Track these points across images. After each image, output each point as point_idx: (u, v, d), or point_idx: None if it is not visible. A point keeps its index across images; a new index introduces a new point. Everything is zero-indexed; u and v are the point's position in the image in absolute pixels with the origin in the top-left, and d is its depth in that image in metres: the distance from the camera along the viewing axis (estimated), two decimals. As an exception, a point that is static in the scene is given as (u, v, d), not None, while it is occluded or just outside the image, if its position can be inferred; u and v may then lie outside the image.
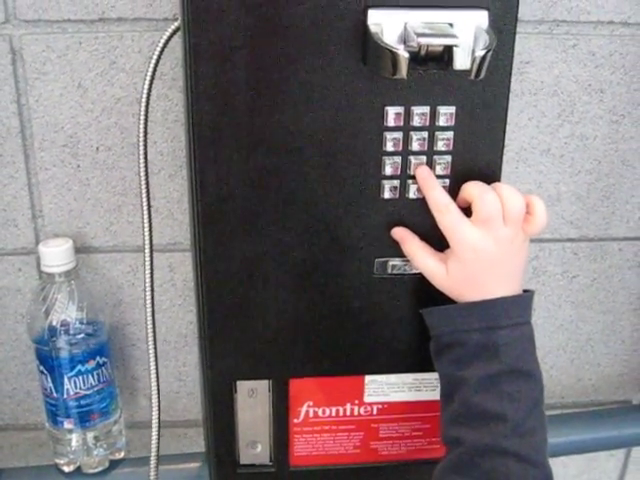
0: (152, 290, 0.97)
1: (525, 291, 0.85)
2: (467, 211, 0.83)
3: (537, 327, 1.24)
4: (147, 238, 0.95)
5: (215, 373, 0.93)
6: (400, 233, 0.85)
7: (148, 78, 0.88)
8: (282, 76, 0.79)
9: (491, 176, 0.85)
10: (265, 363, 0.93)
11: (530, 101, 1.10)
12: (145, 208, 0.94)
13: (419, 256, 0.84)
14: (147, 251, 0.95)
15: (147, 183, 0.94)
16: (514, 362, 0.82)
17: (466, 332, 0.83)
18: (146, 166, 0.93)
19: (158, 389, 0.99)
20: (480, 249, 0.81)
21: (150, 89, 0.89)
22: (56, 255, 1.05)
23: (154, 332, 0.98)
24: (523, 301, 0.83)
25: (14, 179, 1.07)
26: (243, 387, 0.94)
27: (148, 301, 0.96)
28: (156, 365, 0.99)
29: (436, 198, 0.82)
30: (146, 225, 0.94)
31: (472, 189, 0.82)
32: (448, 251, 0.83)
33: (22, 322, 1.16)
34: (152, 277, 0.96)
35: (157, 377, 0.98)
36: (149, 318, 0.96)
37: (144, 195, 0.94)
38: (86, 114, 1.04)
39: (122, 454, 1.18)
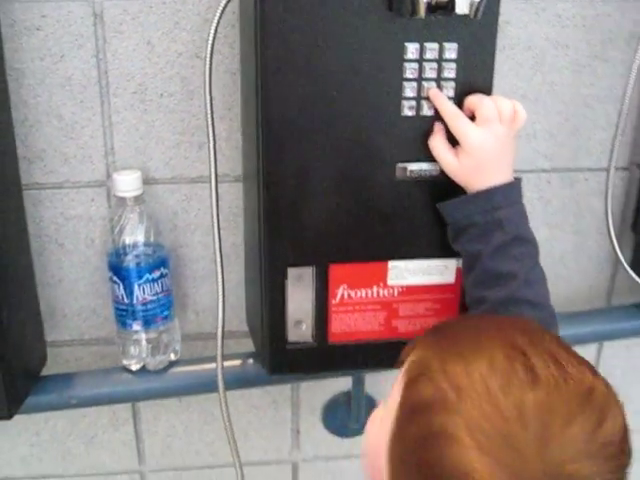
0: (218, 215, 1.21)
1: (515, 179, 1.10)
2: (471, 118, 1.08)
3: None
4: (213, 168, 1.18)
5: (270, 262, 1.16)
6: (435, 127, 1.10)
7: (211, 35, 1.13)
8: (331, 21, 1.04)
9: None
10: (310, 252, 1.16)
11: (509, 54, 1.35)
12: (212, 144, 1.18)
13: (440, 147, 1.09)
14: (213, 179, 1.19)
15: (213, 123, 1.18)
16: (515, 231, 1.06)
17: (477, 214, 1.07)
18: (212, 109, 1.17)
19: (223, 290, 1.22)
20: (483, 143, 1.06)
21: (214, 44, 1.13)
22: (128, 182, 1.28)
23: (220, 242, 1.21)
24: (516, 186, 1.09)
25: (91, 121, 1.30)
26: (292, 273, 1.17)
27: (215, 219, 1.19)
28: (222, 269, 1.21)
29: (447, 109, 1.08)
30: (212, 157, 1.18)
31: (474, 98, 1.08)
32: (459, 148, 1.09)
33: (92, 246, 1.38)
34: (217, 201, 1.20)
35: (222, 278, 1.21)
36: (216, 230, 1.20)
37: (210, 133, 1.18)
38: (153, 66, 1.27)
39: (178, 356, 1.39)
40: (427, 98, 1.10)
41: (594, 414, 0.70)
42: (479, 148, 1.06)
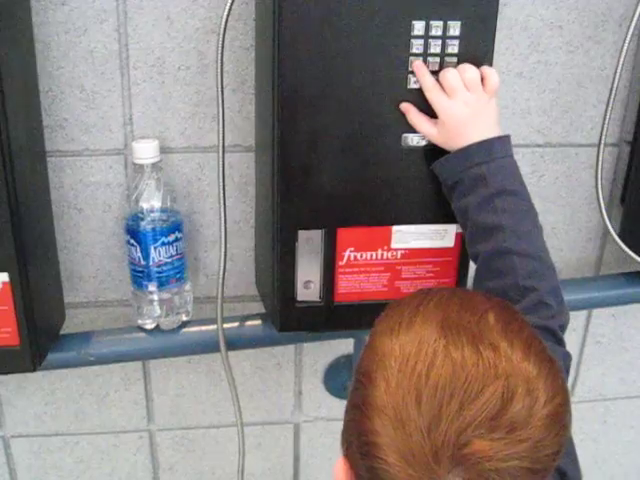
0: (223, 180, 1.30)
1: (500, 136, 1.14)
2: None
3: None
4: (221, 138, 1.27)
5: (282, 225, 1.24)
6: (405, 106, 1.18)
7: (226, 11, 1.20)
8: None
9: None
10: (320, 216, 1.24)
11: (507, 34, 1.43)
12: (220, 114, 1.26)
13: (418, 120, 1.18)
14: (220, 148, 1.27)
15: (222, 95, 1.26)
16: (500, 185, 1.12)
17: (461, 172, 1.15)
18: (222, 82, 1.25)
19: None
20: (452, 111, 1.15)
21: (227, 20, 1.21)
22: (147, 150, 1.35)
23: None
24: (500, 141, 1.15)
25: (111, 92, 1.37)
26: (302, 236, 1.25)
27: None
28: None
29: (425, 81, 1.16)
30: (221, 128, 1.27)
31: (442, 72, 1.16)
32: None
33: (109, 212, 1.45)
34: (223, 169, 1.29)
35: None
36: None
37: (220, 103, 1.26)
38: (171, 40, 1.34)
39: (190, 317, 1.47)
40: (434, 72, 1.16)
41: (497, 400, 0.71)
42: (449, 115, 1.15)
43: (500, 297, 0.99)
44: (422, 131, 1.18)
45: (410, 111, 1.18)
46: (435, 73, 1.17)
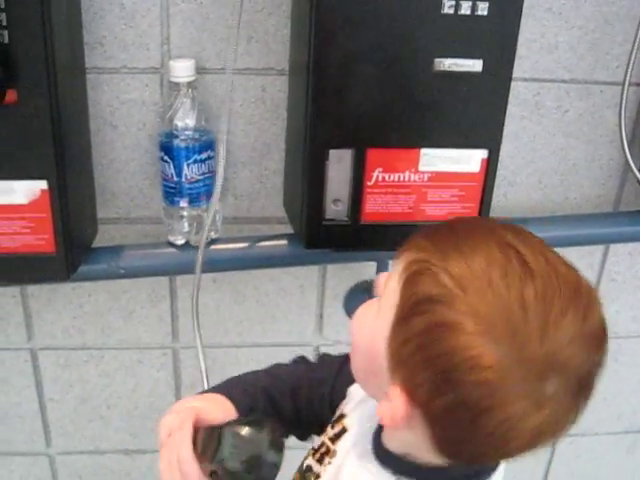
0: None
1: None
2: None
3: (535, 152, 1.61)
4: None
5: (313, 144, 1.28)
6: None
7: None
8: None
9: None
10: (350, 136, 1.28)
11: (537, -27, 1.45)
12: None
13: None
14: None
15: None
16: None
17: None
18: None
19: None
20: None
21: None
22: (183, 68, 1.39)
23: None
24: None
25: (150, 11, 1.40)
26: (333, 155, 1.29)
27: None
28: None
29: None
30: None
31: None
32: None
33: (143, 129, 1.49)
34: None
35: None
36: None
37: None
38: (211, -39, 1.38)
39: (218, 234, 1.52)
40: (465, -2, 1.19)
41: (582, 307, 0.73)
42: None
43: None
44: None
45: None
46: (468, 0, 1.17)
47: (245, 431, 0.87)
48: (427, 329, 0.75)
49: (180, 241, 1.47)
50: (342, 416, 1.01)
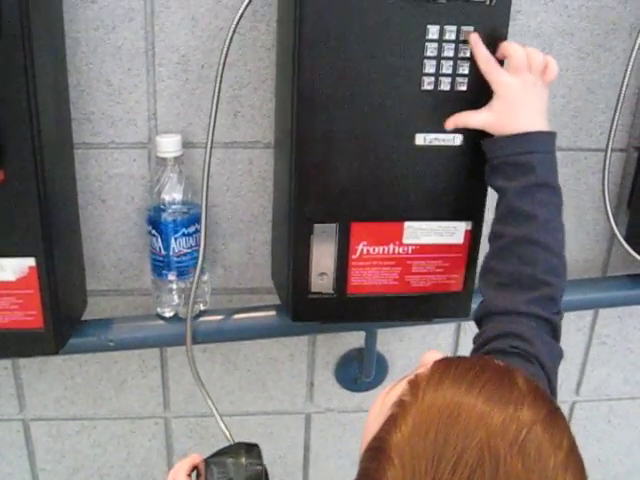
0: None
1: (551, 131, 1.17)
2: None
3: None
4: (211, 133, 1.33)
5: (298, 218, 1.29)
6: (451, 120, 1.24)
7: (240, 12, 1.27)
8: (361, 5, 1.19)
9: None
10: (335, 210, 1.29)
11: (520, 40, 1.42)
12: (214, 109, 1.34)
13: (467, 115, 1.23)
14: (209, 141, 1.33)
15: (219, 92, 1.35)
16: (545, 178, 1.14)
17: (509, 155, 1.18)
18: (221, 79, 1.37)
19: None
20: (511, 86, 1.18)
21: (238, 22, 1.28)
22: (170, 144, 1.41)
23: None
24: (550, 136, 1.19)
25: (137, 88, 1.43)
26: (318, 229, 1.30)
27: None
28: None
29: (482, 53, 1.19)
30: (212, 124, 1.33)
31: (508, 46, 1.19)
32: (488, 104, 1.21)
33: (132, 203, 1.50)
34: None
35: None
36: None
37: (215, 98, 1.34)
38: (196, 39, 1.40)
39: (207, 306, 1.53)
40: (445, 75, 1.21)
41: None
42: (507, 89, 1.18)
43: (513, 282, 1.09)
44: (475, 120, 1.21)
45: (456, 114, 1.22)
46: (447, 76, 1.23)
47: (226, 459, 1.06)
48: (365, 475, 0.75)
49: (169, 313, 1.48)
50: None
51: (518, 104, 1.18)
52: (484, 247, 1.25)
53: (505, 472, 0.66)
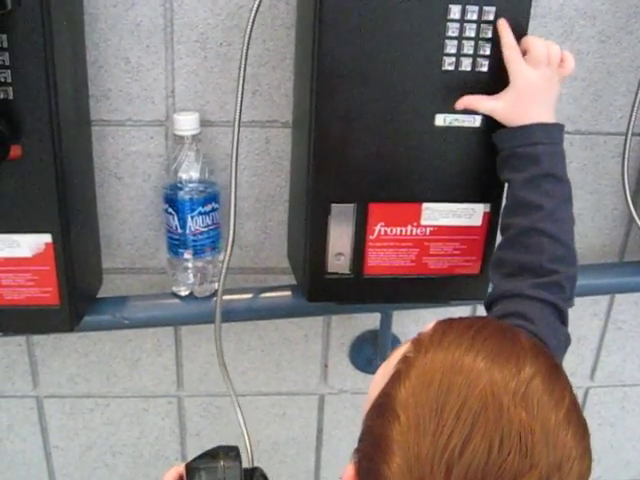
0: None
1: (557, 123, 1.20)
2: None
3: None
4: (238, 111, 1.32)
5: (316, 199, 1.28)
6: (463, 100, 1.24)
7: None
8: None
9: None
10: (353, 191, 1.28)
11: (541, 22, 1.46)
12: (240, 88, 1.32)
13: (482, 99, 1.22)
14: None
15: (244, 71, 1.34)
16: (550, 169, 1.14)
17: (518, 146, 1.18)
18: (246, 59, 1.35)
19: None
20: (528, 77, 1.18)
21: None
22: (188, 122, 1.40)
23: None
24: (556, 128, 1.19)
25: (155, 65, 1.42)
26: (335, 209, 1.30)
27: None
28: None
29: (508, 40, 1.19)
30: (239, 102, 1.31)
31: (530, 39, 1.19)
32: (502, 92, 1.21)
33: (148, 181, 1.50)
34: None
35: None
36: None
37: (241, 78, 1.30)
38: (215, 17, 1.39)
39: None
40: (465, 55, 1.20)
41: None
42: (524, 81, 1.19)
43: (519, 272, 1.09)
44: (487, 105, 1.22)
45: (471, 96, 1.22)
46: (468, 57, 1.23)
47: (204, 463, 1.03)
48: (369, 433, 0.77)
49: (184, 292, 1.48)
50: None
51: (530, 97, 1.19)
52: (501, 230, 1.24)
53: (509, 419, 0.68)
